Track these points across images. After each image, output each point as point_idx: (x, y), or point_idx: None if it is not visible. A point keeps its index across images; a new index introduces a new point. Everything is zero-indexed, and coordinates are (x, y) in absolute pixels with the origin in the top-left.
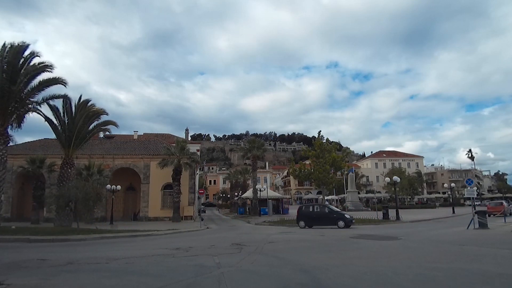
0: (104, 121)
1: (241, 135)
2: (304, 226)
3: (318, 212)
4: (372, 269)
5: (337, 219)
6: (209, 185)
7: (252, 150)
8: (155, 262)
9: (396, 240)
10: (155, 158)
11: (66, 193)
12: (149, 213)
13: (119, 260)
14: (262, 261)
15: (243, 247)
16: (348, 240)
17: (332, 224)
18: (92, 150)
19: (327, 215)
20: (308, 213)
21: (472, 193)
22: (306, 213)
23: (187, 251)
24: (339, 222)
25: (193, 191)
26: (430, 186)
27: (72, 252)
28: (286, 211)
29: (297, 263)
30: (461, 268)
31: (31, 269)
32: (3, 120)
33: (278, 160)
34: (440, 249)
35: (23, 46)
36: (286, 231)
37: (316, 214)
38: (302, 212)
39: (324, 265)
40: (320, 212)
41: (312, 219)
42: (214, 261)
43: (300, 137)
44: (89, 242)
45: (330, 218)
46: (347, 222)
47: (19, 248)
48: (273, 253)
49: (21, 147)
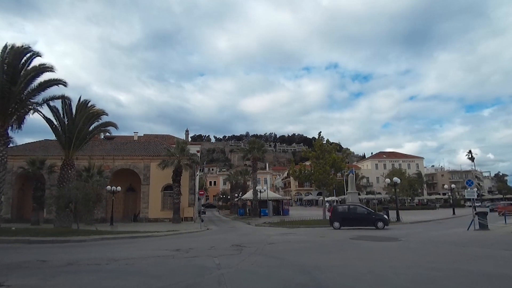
0: (104, 122)
1: (241, 136)
2: (339, 227)
3: (355, 213)
4: (372, 270)
5: (376, 220)
6: (209, 186)
7: (252, 151)
8: (155, 263)
9: (396, 241)
10: (155, 159)
11: (66, 194)
12: (149, 214)
13: (119, 261)
14: (262, 262)
15: (243, 248)
16: (348, 241)
17: (370, 225)
18: (92, 151)
19: (366, 216)
20: (344, 214)
21: (473, 194)
22: (342, 213)
23: (187, 252)
24: (379, 223)
25: (193, 192)
26: (430, 187)
27: (72, 253)
28: (286, 212)
29: (297, 264)
30: (462, 269)
31: (31, 270)
32: (3, 121)
33: (278, 161)
34: (440, 250)
35: (24, 47)
36: (287, 233)
37: (353, 215)
38: (337, 212)
39: (324, 265)
40: (358, 213)
41: (349, 220)
42: (214, 262)
43: (300, 138)
44: (89, 243)
45: (369, 219)
46: (386, 223)
47: (19, 249)
48: (273, 254)
49: (22, 148)
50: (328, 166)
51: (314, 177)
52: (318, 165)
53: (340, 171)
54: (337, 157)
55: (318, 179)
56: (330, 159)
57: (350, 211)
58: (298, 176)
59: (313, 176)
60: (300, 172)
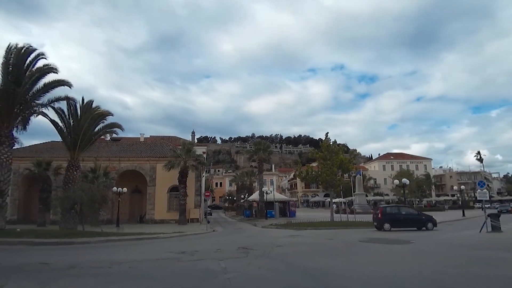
0: (109, 123)
1: (246, 138)
2: (389, 229)
3: (405, 214)
4: (383, 274)
5: (426, 221)
6: (215, 188)
7: (258, 152)
8: (159, 266)
9: (407, 244)
10: (161, 160)
11: (72, 196)
12: (155, 215)
13: (122, 264)
14: (270, 266)
15: (249, 251)
16: (358, 244)
17: (420, 226)
18: (98, 152)
19: (416, 217)
20: (393, 215)
21: (484, 195)
22: (391, 214)
23: (193, 255)
24: (428, 224)
25: (199, 194)
26: (438, 188)
27: (76, 255)
28: (293, 214)
29: (305, 268)
30: (477, 274)
31: (32, 273)
32: (8, 122)
33: (284, 162)
34: (453, 253)
35: (28, 48)
36: (294, 234)
37: (403, 216)
38: (386, 214)
39: (333, 270)
40: (407, 214)
41: (399, 221)
42: (220, 265)
43: (306, 139)
44: (94, 245)
45: (419, 220)
46: (435, 224)
47: (23, 251)
48: (280, 257)
49: (28, 150)
50: (336, 167)
51: (321, 178)
52: (325, 166)
53: (347, 172)
54: (344, 158)
55: (325, 180)
56: (337, 160)
57: (399, 212)
58: (305, 177)
59: (320, 177)
60: (307, 173)
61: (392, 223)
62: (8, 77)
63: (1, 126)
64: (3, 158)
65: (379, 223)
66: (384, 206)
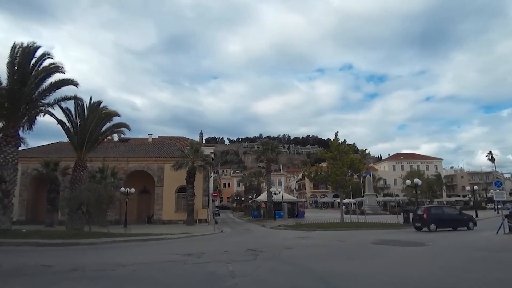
0: (116, 123)
1: (254, 138)
2: (435, 229)
3: (449, 214)
4: (400, 280)
5: (468, 220)
6: (223, 188)
7: (266, 153)
8: (164, 269)
9: (422, 246)
10: (169, 160)
11: (78, 196)
12: (163, 216)
13: (126, 266)
14: (280, 269)
15: (259, 253)
16: (370, 246)
17: (462, 226)
18: (106, 153)
19: (458, 217)
20: (438, 215)
21: (501, 195)
22: (436, 214)
23: (199, 257)
24: (470, 224)
25: (207, 194)
26: (449, 189)
27: (80, 257)
28: (302, 215)
29: (317, 272)
30: (501, 279)
31: (33, 276)
32: (14, 122)
33: (292, 163)
34: (471, 256)
35: (34, 47)
36: (303, 236)
37: (448, 216)
38: (432, 214)
39: (347, 274)
40: (450, 214)
41: (443, 221)
42: (227, 269)
43: (315, 139)
44: (99, 247)
45: (461, 220)
46: (475, 223)
47: (27, 253)
48: (291, 260)
49: (36, 150)
50: (346, 167)
51: (331, 179)
52: (335, 166)
53: (358, 172)
54: (355, 158)
55: (335, 180)
56: (347, 160)
57: (443, 212)
58: (314, 177)
59: (330, 177)
60: (316, 174)
61: (437, 223)
62: (13, 76)
63: (7, 126)
64: (9, 158)
65: (424, 223)
66: (428, 206)
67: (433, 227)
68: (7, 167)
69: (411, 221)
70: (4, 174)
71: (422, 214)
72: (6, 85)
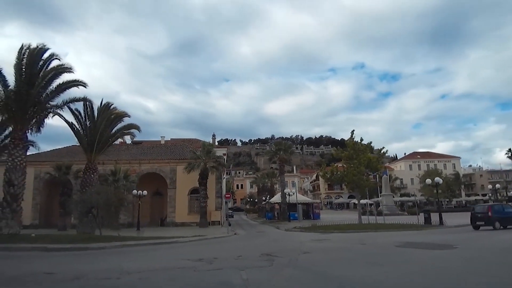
0: (126, 125)
1: (266, 139)
2: (499, 227)
3: (508, 212)
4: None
5: None
6: (236, 190)
7: (279, 153)
8: (172, 277)
9: (451, 249)
10: (181, 162)
11: (87, 199)
12: (176, 218)
13: (132, 274)
14: (298, 277)
15: (274, 258)
16: (395, 250)
17: None
18: (118, 155)
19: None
20: (500, 213)
21: None
22: (500, 213)
23: (211, 263)
24: None
25: (220, 196)
26: (467, 188)
27: (86, 263)
28: (317, 216)
29: (341, 280)
30: None
31: (33, 284)
32: (22, 124)
33: (306, 164)
34: (508, 260)
35: (41, 49)
36: (321, 238)
37: (508, 214)
38: (496, 212)
39: (375, 283)
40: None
41: (505, 219)
42: (241, 276)
43: (328, 139)
44: (108, 251)
45: None
46: None
47: (32, 258)
48: (310, 266)
49: (49, 154)
50: (363, 166)
51: (348, 179)
52: (352, 165)
53: (376, 171)
54: (372, 157)
55: (352, 180)
56: (365, 159)
57: (504, 210)
58: (330, 178)
59: (346, 177)
60: (332, 174)
61: (501, 221)
62: (21, 78)
63: (15, 129)
64: (17, 162)
65: (489, 222)
66: (492, 204)
67: (498, 225)
68: (15, 171)
69: (441, 221)
70: (12, 178)
71: (485, 212)
72: (13, 87)
